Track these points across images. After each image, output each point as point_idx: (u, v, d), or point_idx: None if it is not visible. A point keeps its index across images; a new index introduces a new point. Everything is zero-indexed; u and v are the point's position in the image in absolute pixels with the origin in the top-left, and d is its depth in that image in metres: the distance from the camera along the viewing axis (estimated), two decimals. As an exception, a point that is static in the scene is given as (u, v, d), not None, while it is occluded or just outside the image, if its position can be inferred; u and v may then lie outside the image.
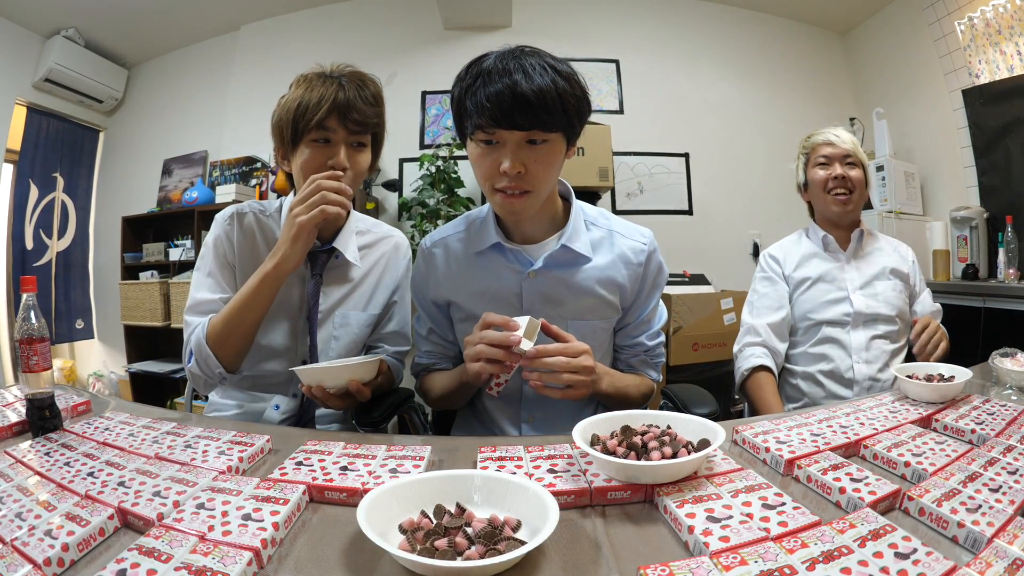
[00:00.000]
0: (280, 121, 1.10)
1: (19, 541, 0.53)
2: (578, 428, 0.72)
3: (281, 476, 0.69)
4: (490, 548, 0.50)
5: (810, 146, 1.53)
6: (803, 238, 1.58)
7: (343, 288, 1.21)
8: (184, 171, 3.52)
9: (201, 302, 1.14)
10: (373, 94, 1.11)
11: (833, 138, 1.49)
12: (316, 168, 1.07)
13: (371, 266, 1.24)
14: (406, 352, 1.30)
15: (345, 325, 1.21)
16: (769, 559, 0.49)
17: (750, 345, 1.46)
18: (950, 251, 2.85)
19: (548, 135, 0.94)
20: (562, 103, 0.91)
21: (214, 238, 1.18)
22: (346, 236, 1.20)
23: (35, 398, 0.84)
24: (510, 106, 0.89)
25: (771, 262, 1.56)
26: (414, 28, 3.37)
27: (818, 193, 1.51)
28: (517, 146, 0.93)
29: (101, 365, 3.73)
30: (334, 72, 1.11)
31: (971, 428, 0.81)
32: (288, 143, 1.10)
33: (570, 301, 1.07)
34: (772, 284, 1.53)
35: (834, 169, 1.46)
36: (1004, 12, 2.67)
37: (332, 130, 1.07)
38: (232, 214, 1.19)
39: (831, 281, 1.47)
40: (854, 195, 1.47)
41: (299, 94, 1.07)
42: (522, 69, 0.90)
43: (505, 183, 0.95)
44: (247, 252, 1.17)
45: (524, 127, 0.91)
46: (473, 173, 1.03)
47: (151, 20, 3.27)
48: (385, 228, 1.30)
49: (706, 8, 3.54)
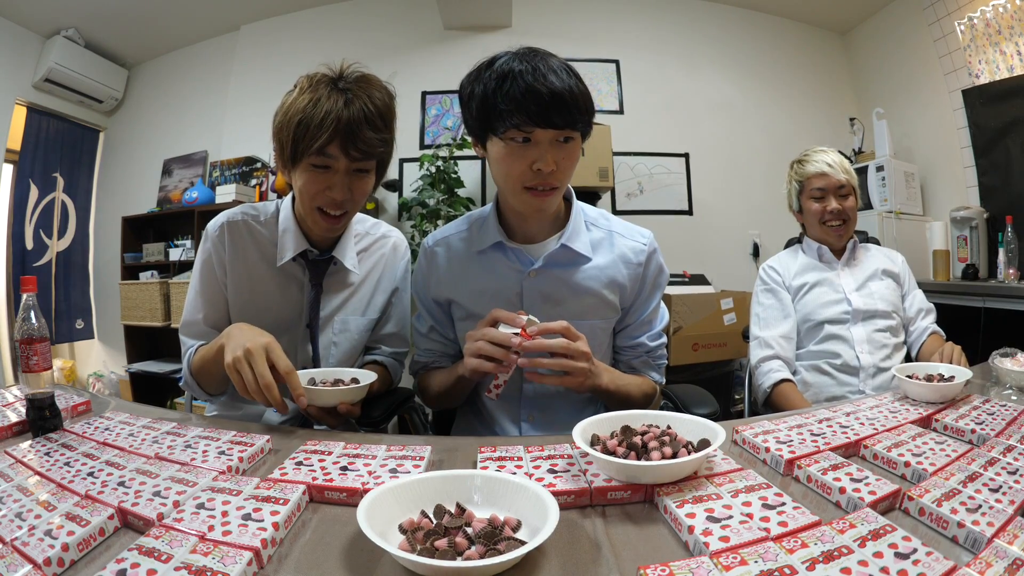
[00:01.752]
0: (280, 133, 1.02)
1: (19, 541, 0.52)
2: (578, 428, 0.72)
3: (281, 476, 0.69)
4: (490, 548, 0.50)
5: (803, 176, 1.55)
6: (799, 253, 1.63)
7: (342, 294, 1.19)
8: (184, 171, 3.52)
9: (190, 323, 1.15)
10: (382, 113, 1.02)
11: (827, 168, 1.50)
12: (314, 195, 1.03)
13: (369, 270, 1.23)
14: (405, 353, 1.29)
15: (345, 331, 1.19)
16: (769, 559, 0.49)
17: (766, 360, 1.49)
18: (950, 251, 2.85)
19: (575, 134, 0.97)
20: (584, 103, 0.95)
21: (203, 256, 1.15)
22: (345, 244, 1.18)
23: (35, 398, 0.84)
24: (548, 104, 0.91)
25: (772, 273, 1.60)
26: (414, 28, 3.37)
27: (813, 223, 1.56)
28: (550, 144, 0.95)
29: (101, 365, 3.73)
30: (342, 76, 1.02)
31: (971, 428, 0.81)
32: (288, 159, 1.03)
33: (570, 300, 1.07)
34: (775, 295, 1.57)
35: (829, 203, 1.51)
36: (1004, 12, 2.67)
37: (334, 157, 1.00)
38: (223, 224, 1.14)
39: (828, 285, 1.53)
40: (848, 223, 1.54)
41: (302, 106, 0.98)
42: (551, 69, 0.92)
43: (537, 180, 0.97)
44: (239, 263, 1.14)
45: (560, 126, 0.93)
46: (491, 171, 1.04)
47: (151, 20, 3.27)
48: (383, 228, 1.28)
49: (706, 8, 3.54)
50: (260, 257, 1.15)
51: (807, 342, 1.52)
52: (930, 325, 1.52)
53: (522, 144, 0.95)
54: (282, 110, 1.02)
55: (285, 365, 0.88)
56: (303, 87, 1.01)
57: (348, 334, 1.20)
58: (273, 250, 1.14)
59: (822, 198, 1.52)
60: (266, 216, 1.17)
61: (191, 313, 1.15)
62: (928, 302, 1.57)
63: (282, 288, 1.16)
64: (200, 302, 1.15)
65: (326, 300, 1.18)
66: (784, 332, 1.51)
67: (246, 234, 1.15)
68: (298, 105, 0.99)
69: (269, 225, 1.16)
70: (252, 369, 0.87)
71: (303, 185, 1.03)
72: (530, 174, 0.96)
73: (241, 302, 1.15)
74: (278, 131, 1.03)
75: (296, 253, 1.13)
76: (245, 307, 1.14)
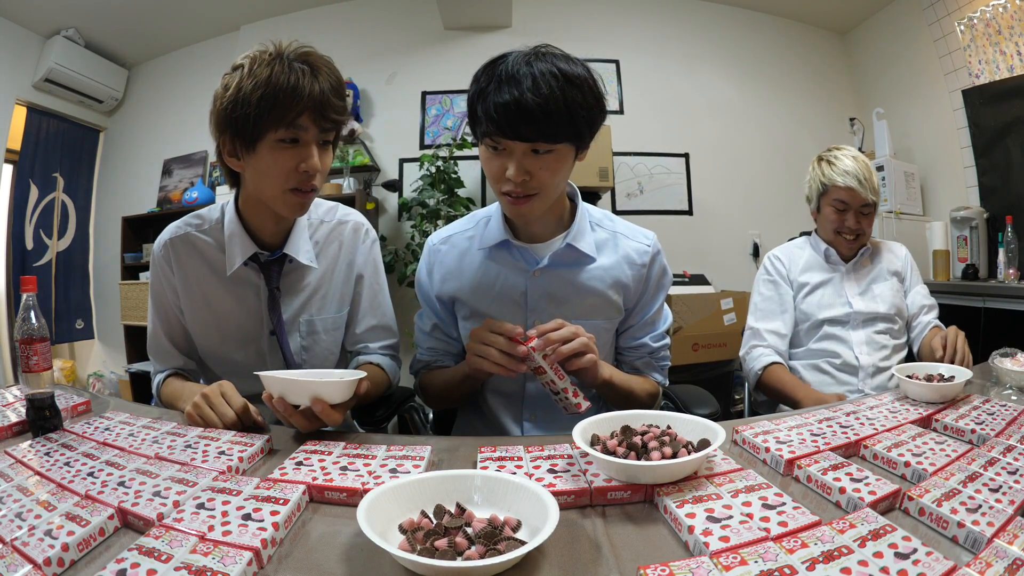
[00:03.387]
0: (233, 114, 0.92)
1: (19, 541, 0.52)
2: (578, 428, 0.72)
3: (281, 476, 0.69)
4: (490, 548, 0.50)
5: (829, 182, 1.46)
6: (807, 246, 1.58)
7: (302, 294, 1.12)
8: (184, 171, 3.52)
9: (153, 345, 1.15)
10: (340, 82, 0.98)
11: (855, 185, 1.41)
12: (286, 174, 0.95)
13: (329, 262, 1.14)
14: (396, 344, 1.23)
15: (312, 332, 1.13)
16: (769, 559, 0.49)
17: (756, 347, 1.49)
18: (950, 251, 2.84)
19: (553, 145, 0.93)
20: (569, 114, 0.90)
21: (153, 280, 1.11)
22: (297, 238, 1.09)
23: (35, 398, 0.84)
24: (515, 118, 0.89)
25: (776, 263, 1.56)
26: (414, 28, 3.37)
27: (828, 228, 1.50)
28: (522, 155, 0.94)
29: (101, 365, 3.73)
30: (289, 54, 0.93)
31: (971, 428, 0.81)
32: (247, 141, 0.94)
33: (574, 300, 1.07)
34: (776, 287, 1.54)
35: (848, 219, 1.45)
36: (1004, 12, 2.67)
37: (304, 128, 0.94)
38: (165, 243, 1.10)
39: (832, 287, 1.50)
40: (862, 238, 1.49)
41: (263, 80, 0.90)
42: (531, 77, 0.88)
43: (510, 187, 0.96)
44: (190, 281, 1.09)
45: (528, 139, 0.91)
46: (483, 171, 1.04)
47: (151, 20, 3.27)
48: (340, 212, 1.18)
49: (706, 8, 3.54)
50: (209, 270, 1.09)
51: (806, 340, 1.51)
52: (933, 320, 1.50)
53: (497, 151, 0.95)
54: (230, 91, 0.92)
55: (239, 402, 0.89)
56: (252, 65, 0.92)
57: (317, 336, 1.14)
58: (222, 258, 1.08)
59: (843, 211, 1.46)
60: (211, 223, 1.10)
61: (153, 336, 1.14)
62: (931, 298, 1.54)
63: (238, 298, 1.10)
64: (159, 323, 1.13)
65: (287, 302, 1.11)
66: (777, 328, 1.49)
67: (191, 249, 1.09)
68: (257, 80, 0.90)
69: (215, 232, 1.09)
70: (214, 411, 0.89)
71: (270, 165, 0.95)
72: (504, 180, 0.96)
73: (199, 321, 1.11)
74: (229, 112, 0.92)
75: (246, 258, 1.06)
76: (204, 325, 1.11)
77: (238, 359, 1.12)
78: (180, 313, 1.12)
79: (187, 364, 1.17)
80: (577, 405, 0.93)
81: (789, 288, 1.53)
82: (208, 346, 1.14)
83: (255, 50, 0.94)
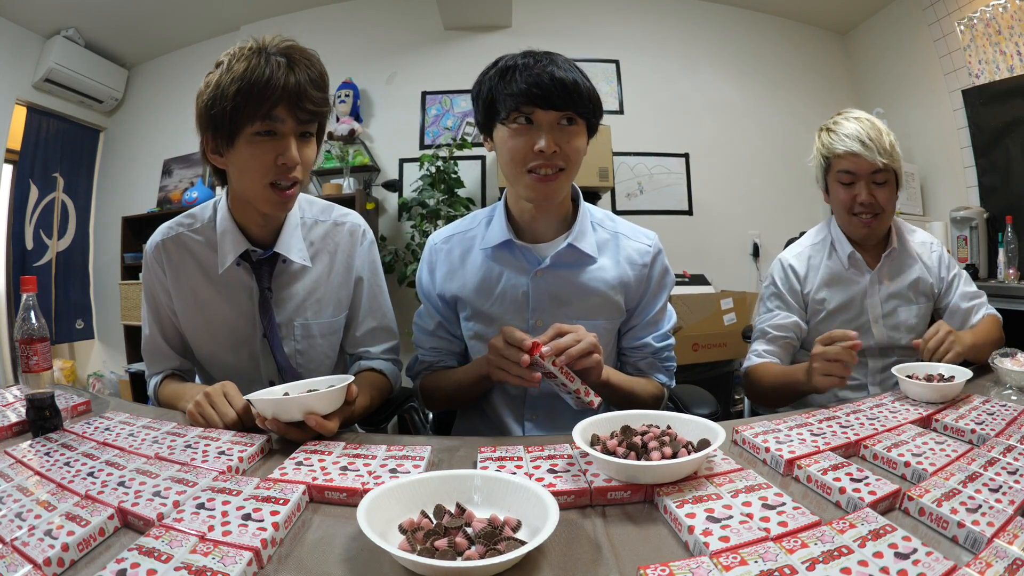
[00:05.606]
0: (212, 109, 0.91)
1: (19, 541, 0.53)
2: (578, 428, 0.72)
3: (281, 476, 0.69)
4: (490, 548, 0.50)
5: (830, 152, 1.26)
6: (826, 248, 1.35)
7: (296, 295, 1.09)
8: (184, 171, 3.52)
9: (147, 348, 1.15)
10: (322, 74, 0.96)
11: (859, 148, 1.20)
12: (266, 168, 0.94)
13: (326, 266, 1.12)
14: (396, 347, 1.21)
15: (308, 336, 1.11)
16: (769, 559, 0.49)
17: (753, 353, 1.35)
18: (950, 251, 2.84)
19: (579, 119, 1.00)
20: (589, 95, 0.99)
21: (145, 281, 1.11)
22: (288, 236, 1.07)
23: (35, 398, 0.84)
24: (548, 87, 0.95)
25: (789, 274, 1.34)
26: (414, 28, 3.37)
27: (840, 212, 1.28)
28: (552, 126, 0.98)
29: (101, 365, 3.72)
30: (271, 48, 0.93)
31: (971, 428, 0.81)
32: (225, 136, 0.93)
33: (577, 300, 1.07)
34: (784, 303, 1.33)
35: (859, 191, 1.23)
36: (1004, 12, 2.67)
37: (280, 120, 0.92)
38: (157, 245, 1.09)
39: (853, 310, 1.30)
40: (882, 216, 1.25)
41: (239, 74, 0.89)
42: (554, 62, 0.97)
43: (539, 162, 0.98)
44: (182, 283, 1.08)
45: (560, 107, 0.97)
46: (499, 164, 1.06)
47: (151, 20, 3.27)
48: (336, 212, 1.15)
49: (706, 8, 3.54)
50: (201, 271, 1.08)
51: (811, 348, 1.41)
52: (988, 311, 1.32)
53: (524, 125, 0.98)
54: (211, 87, 0.92)
55: (240, 402, 0.89)
56: (232, 60, 0.92)
57: (312, 340, 1.11)
58: (214, 258, 1.06)
59: (851, 184, 1.23)
60: (203, 221, 1.09)
61: (149, 338, 1.14)
62: (975, 294, 1.34)
63: (230, 299, 1.08)
64: (154, 325, 1.13)
65: (280, 305, 1.09)
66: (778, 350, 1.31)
67: (183, 249, 1.08)
68: (234, 74, 0.90)
69: (207, 231, 1.08)
70: (215, 410, 0.89)
71: (248, 160, 0.94)
72: (532, 155, 0.98)
73: (192, 323, 1.11)
74: (208, 108, 0.93)
75: (237, 256, 1.05)
76: (197, 327, 1.11)
77: (231, 362, 1.11)
78: (174, 315, 1.11)
79: (183, 365, 1.16)
80: (590, 403, 0.93)
81: (800, 305, 1.33)
82: (202, 348, 1.13)
83: (237, 46, 0.94)
